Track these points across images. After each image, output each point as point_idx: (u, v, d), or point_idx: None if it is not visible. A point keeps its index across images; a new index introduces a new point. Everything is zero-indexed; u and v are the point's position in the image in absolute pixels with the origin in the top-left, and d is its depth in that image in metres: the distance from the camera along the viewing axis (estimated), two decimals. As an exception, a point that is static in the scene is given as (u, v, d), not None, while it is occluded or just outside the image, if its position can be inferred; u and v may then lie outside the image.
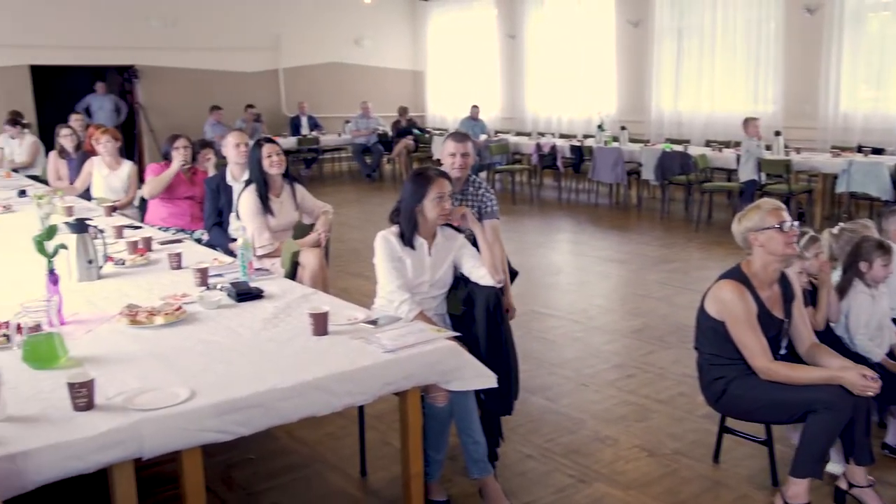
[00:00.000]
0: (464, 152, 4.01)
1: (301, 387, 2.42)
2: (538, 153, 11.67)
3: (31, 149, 9.86)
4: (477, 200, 4.13)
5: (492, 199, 4.17)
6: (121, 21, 13.32)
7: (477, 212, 4.15)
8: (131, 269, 4.02)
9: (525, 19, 14.50)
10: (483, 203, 4.14)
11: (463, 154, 4.00)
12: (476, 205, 4.14)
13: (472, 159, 4.07)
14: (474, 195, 4.11)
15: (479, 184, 4.17)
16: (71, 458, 2.05)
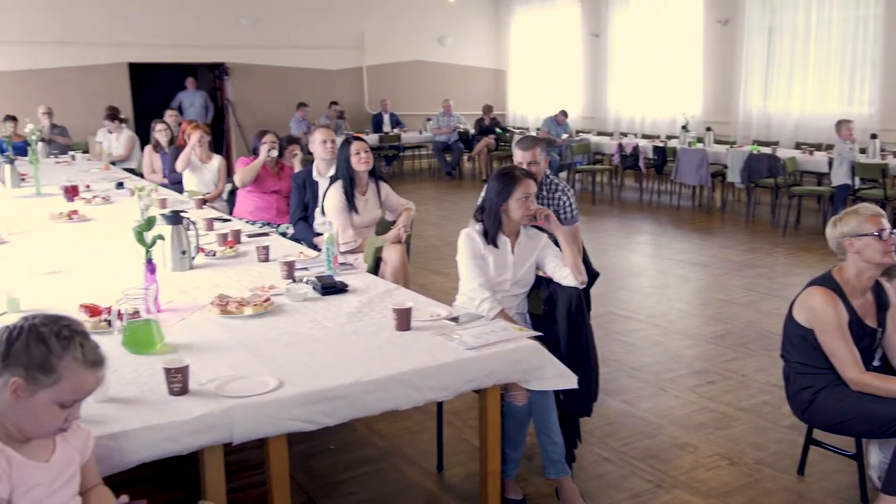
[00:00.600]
0: (531, 160, 4.01)
1: (385, 380, 2.47)
2: (620, 153, 11.52)
3: (128, 143, 10.29)
4: (553, 204, 4.11)
5: (570, 204, 4.15)
6: (213, 20, 13.76)
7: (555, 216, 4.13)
8: (221, 260, 4.16)
9: (609, 17, 14.31)
10: (561, 208, 4.13)
11: (530, 163, 4.01)
12: (552, 209, 4.12)
13: (541, 166, 4.06)
14: (548, 198, 4.10)
15: (555, 186, 4.15)
16: (166, 439, 2.14)
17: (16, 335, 1.67)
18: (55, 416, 1.69)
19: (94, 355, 1.73)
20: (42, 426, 1.70)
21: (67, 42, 12.63)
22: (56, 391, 1.67)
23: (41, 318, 1.71)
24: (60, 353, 1.67)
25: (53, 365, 1.67)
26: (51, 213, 5.56)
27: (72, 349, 1.69)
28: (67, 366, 1.68)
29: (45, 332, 1.68)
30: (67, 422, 1.73)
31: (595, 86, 14.82)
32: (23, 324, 1.70)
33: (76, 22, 12.64)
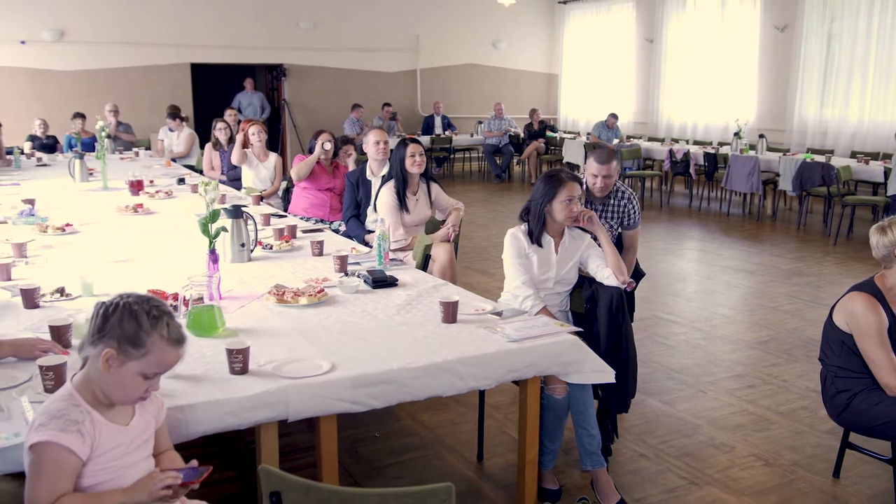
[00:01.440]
0: (606, 174, 4.08)
1: (431, 367, 2.62)
2: (670, 159, 11.51)
3: (188, 140, 10.65)
4: (619, 212, 4.22)
5: (636, 211, 4.26)
6: (273, 23, 14.12)
7: (619, 222, 4.24)
8: (277, 253, 4.37)
9: (665, 23, 14.28)
10: (626, 215, 4.24)
11: (605, 176, 4.09)
12: (618, 216, 4.22)
13: (614, 178, 4.14)
14: (616, 206, 4.21)
15: (623, 194, 4.23)
16: (228, 414, 2.33)
17: (112, 310, 1.87)
18: (139, 386, 1.88)
19: (178, 334, 1.92)
20: (126, 394, 1.89)
21: (133, 43, 13.11)
22: (142, 364, 1.86)
23: (134, 297, 1.91)
24: (149, 330, 1.86)
25: (143, 340, 1.85)
26: (117, 206, 5.85)
27: (159, 327, 1.87)
28: (155, 342, 1.86)
29: (137, 310, 1.87)
30: (148, 392, 1.92)
31: (647, 91, 14.80)
32: (118, 301, 1.89)
33: (142, 24, 13.12)
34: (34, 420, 1.84)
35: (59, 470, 1.79)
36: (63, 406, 1.84)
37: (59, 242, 4.62)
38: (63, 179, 7.76)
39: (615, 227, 4.24)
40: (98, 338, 1.86)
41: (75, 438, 1.80)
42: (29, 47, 12.47)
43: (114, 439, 1.88)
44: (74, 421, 1.81)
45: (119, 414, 1.93)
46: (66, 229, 4.90)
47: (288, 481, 1.72)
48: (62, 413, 1.82)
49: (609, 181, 4.11)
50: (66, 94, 12.64)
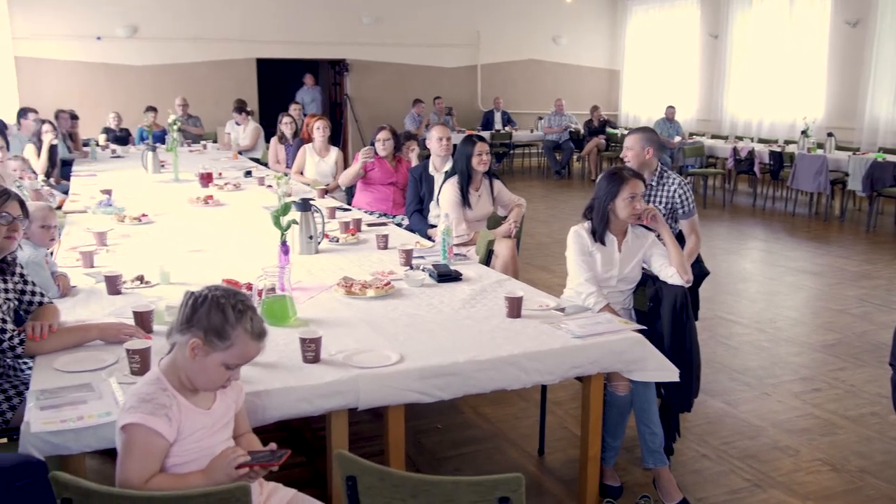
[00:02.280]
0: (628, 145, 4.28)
1: (496, 361, 2.67)
2: (734, 157, 11.31)
3: (253, 134, 10.89)
4: (667, 197, 4.24)
5: (686, 197, 4.26)
6: (337, 18, 14.32)
7: (668, 209, 4.25)
8: (343, 246, 4.46)
9: (730, 19, 14.01)
10: (674, 201, 4.25)
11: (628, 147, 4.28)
12: (666, 201, 4.24)
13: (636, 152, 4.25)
14: (663, 192, 4.23)
15: (671, 179, 4.27)
16: (301, 400, 2.41)
17: (200, 302, 1.97)
18: (221, 375, 1.98)
19: (261, 328, 2.01)
20: (209, 382, 1.99)
21: (202, 39, 13.45)
22: (226, 355, 1.96)
23: (221, 290, 2.00)
24: (235, 323, 1.95)
25: (228, 333, 1.95)
26: (189, 197, 6.04)
27: (244, 321, 1.96)
28: (239, 335, 1.96)
29: (224, 304, 1.96)
30: (229, 381, 2.01)
31: (711, 88, 14.56)
32: (207, 293, 1.99)
33: (211, 20, 13.45)
34: (125, 402, 1.95)
35: (148, 451, 1.89)
36: (152, 390, 1.94)
37: (135, 232, 4.80)
38: (136, 171, 8.03)
39: (665, 214, 4.25)
40: (186, 327, 1.96)
41: (163, 422, 1.90)
42: (104, 43, 12.90)
43: (197, 422, 1.98)
44: (162, 405, 1.91)
45: (202, 398, 2.03)
46: (143, 219, 5.09)
47: (363, 466, 1.79)
48: (151, 397, 1.92)
49: (631, 153, 4.24)
50: (137, 88, 13.04)
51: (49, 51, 12.55)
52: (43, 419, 2.14)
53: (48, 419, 2.14)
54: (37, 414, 2.17)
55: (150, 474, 1.89)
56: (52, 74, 12.60)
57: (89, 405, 2.23)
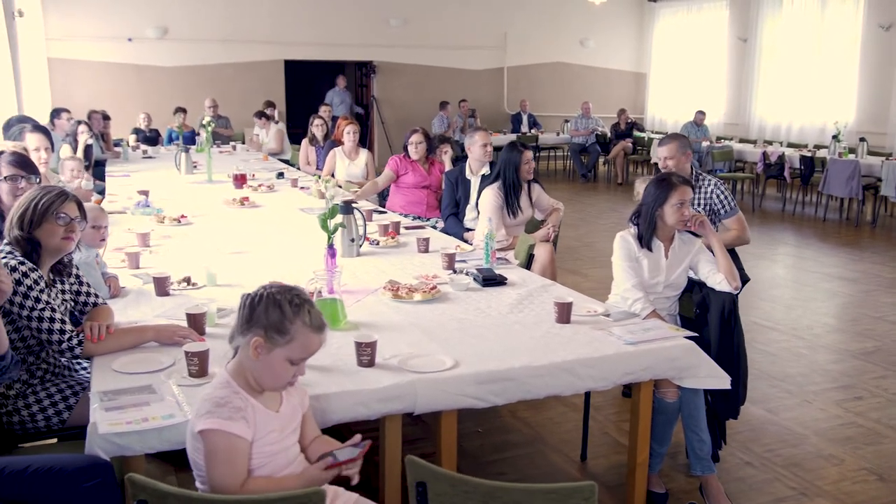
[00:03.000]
0: (667, 155, 4.22)
1: (551, 367, 2.67)
2: (764, 162, 11.23)
3: (277, 136, 10.93)
4: (705, 198, 4.23)
5: (725, 197, 4.25)
6: (364, 20, 14.39)
7: (708, 210, 4.23)
8: (384, 249, 4.48)
9: (760, 22, 13.93)
10: (716, 201, 4.23)
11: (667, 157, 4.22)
12: (704, 203, 4.23)
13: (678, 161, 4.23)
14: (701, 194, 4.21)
15: (707, 181, 4.26)
16: (359, 404, 2.43)
17: (257, 301, 1.99)
18: (286, 371, 2.00)
19: (319, 320, 2.03)
20: (276, 380, 2.01)
21: (230, 40, 13.55)
22: (288, 350, 1.97)
23: (277, 287, 2.02)
24: (293, 317, 1.97)
25: (287, 327, 1.97)
26: (225, 198, 6.08)
27: (302, 314, 1.98)
28: (298, 328, 1.98)
29: (280, 299, 1.98)
30: (295, 377, 2.03)
31: (739, 91, 14.47)
32: (262, 292, 2.01)
33: (239, 22, 13.55)
34: (198, 407, 1.96)
35: (234, 456, 1.91)
36: (225, 394, 1.96)
37: (176, 233, 4.84)
38: (168, 171, 8.09)
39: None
40: (246, 328, 1.98)
41: (241, 425, 1.91)
42: (135, 44, 13.04)
43: (269, 425, 2.00)
44: (238, 408, 1.93)
45: (270, 400, 2.05)
46: (182, 220, 5.14)
47: (435, 472, 1.80)
48: (226, 401, 1.94)
49: (672, 162, 4.21)
50: (167, 88, 13.16)
51: (80, 52, 12.70)
52: (109, 420, 2.16)
53: (114, 420, 2.16)
54: (102, 415, 2.20)
55: (242, 478, 1.91)
56: (83, 75, 12.75)
57: (152, 407, 2.25)
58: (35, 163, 4.08)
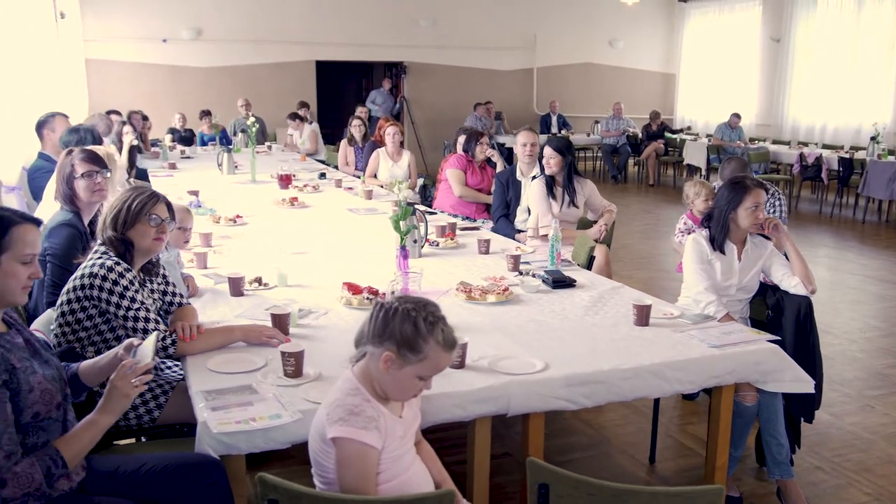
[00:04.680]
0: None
1: (639, 370, 2.67)
2: (800, 164, 11.15)
3: (312, 137, 10.97)
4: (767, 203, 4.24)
5: (781, 208, 4.24)
6: (394, 21, 14.42)
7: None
8: (444, 250, 4.49)
9: (793, 22, 13.83)
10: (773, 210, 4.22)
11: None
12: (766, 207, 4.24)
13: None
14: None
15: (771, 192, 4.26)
16: (455, 406, 2.44)
17: (392, 314, 1.97)
18: (414, 386, 2.00)
19: (452, 339, 2.01)
20: (403, 393, 2.01)
21: (263, 41, 13.63)
22: (419, 367, 1.97)
23: (412, 301, 2.01)
24: (426, 335, 1.96)
25: (420, 346, 1.95)
26: (274, 199, 6.11)
27: (435, 333, 1.97)
28: (431, 347, 1.96)
29: (415, 316, 1.96)
30: (420, 391, 2.03)
31: (771, 92, 14.37)
32: (397, 305, 1.99)
33: (272, 23, 13.62)
34: (330, 412, 1.96)
35: (367, 464, 1.92)
36: (357, 402, 1.96)
37: (233, 233, 4.87)
38: (209, 171, 8.14)
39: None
40: (379, 340, 1.97)
41: (374, 435, 1.92)
42: (170, 45, 13.14)
43: (395, 431, 2.01)
44: (372, 418, 1.94)
45: (393, 406, 2.06)
46: (237, 220, 5.17)
47: (557, 474, 1.80)
48: (360, 409, 1.94)
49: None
50: (200, 89, 13.25)
51: (116, 53, 12.82)
52: (219, 420, 2.18)
53: (223, 420, 2.18)
54: (210, 414, 2.22)
55: (373, 484, 1.92)
56: (119, 76, 12.86)
57: (256, 407, 2.27)
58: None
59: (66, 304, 2.66)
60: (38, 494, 1.92)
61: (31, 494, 1.90)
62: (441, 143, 13.38)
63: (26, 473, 1.88)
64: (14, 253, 1.96)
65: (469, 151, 6.33)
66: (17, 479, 1.87)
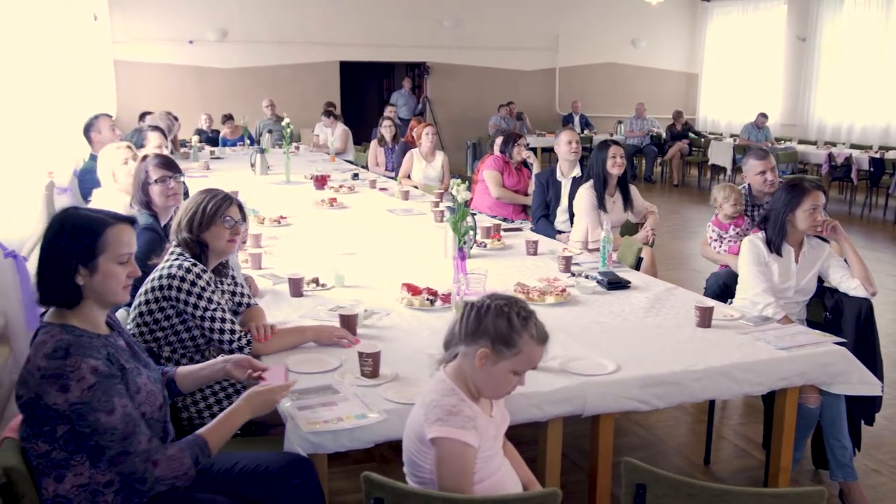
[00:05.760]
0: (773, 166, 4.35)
1: (710, 371, 2.68)
2: (829, 164, 11.10)
3: (343, 136, 10.99)
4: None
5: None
6: (418, 22, 14.45)
7: None
8: (491, 251, 4.51)
9: (820, 21, 13.77)
10: None
11: (772, 168, 4.35)
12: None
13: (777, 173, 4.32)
14: None
15: None
16: (533, 406, 2.46)
17: (484, 312, 1.99)
18: (509, 382, 2.02)
19: (544, 333, 2.04)
20: (497, 390, 2.04)
21: (287, 42, 13.69)
22: (514, 362, 1.99)
23: (502, 298, 2.03)
24: (520, 330, 1.98)
25: (514, 340, 1.97)
26: (313, 200, 6.14)
27: (529, 327, 1.99)
28: (525, 341, 1.98)
29: (507, 311, 1.98)
30: (514, 387, 2.05)
31: (797, 91, 14.31)
32: (488, 302, 2.01)
33: (296, 23, 13.68)
34: (428, 413, 1.98)
35: (465, 463, 1.94)
36: (454, 402, 1.98)
37: (280, 233, 4.91)
38: (242, 172, 8.18)
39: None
40: (473, 338, 1.99)
41: (473, 434, 1.94)
42: (196, 46, 13.23)
43: (488, 430, 2.03)
44: (469, 418, 1.96)
45: (484, 406, 2.08)
46: (281, 221, 5.20)
47: (655, 475, 1.82)
48: (458, 409, 1.96)
49: (776, 174, 4.34)
50: (225, 90, 13.32)
51: (144, 54, 12.91)
52: (307, 419, 2.21)
53: (311, 420, 2.21)
54: (297, 414, 2.25)
55: (471, 484, 1.94)
56: (146, 77, 12.95)
57: (341, 407, 2.30)
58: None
59: (143, 304, 2.70)
60: (185, 479, 2.02)
61: (179, 478, 2.00)
62: (464, 143, 13.40)
63: (177, 458, 2.00)
64: (111, 254, 2.00)
65: (506, 153, 6.34)
66: (169, 462, 1.98)
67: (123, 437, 1.92)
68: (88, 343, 1.95)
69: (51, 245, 1.97)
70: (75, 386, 1.87)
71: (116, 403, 1.92)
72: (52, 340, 1.90)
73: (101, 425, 1.89)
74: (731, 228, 4.44)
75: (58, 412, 1.88)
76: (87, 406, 1.87)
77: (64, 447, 1.92)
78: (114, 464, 1.94)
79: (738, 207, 4.43)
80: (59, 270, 1.96)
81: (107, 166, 4.18)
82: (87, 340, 1.96)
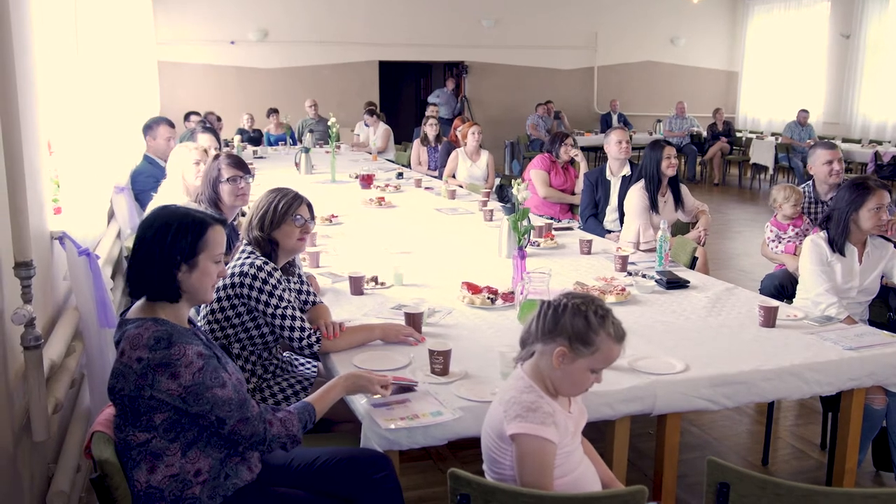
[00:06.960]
0: (840, 156, 4.31)
1: (780, 371, 2.67)
2: (875, 162, 10.93)
3: (385, 135, 11.05)
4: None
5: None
6: (457, 21, 14.47)
7: None
8: (545, 250, 4.52)
9: (864, 18, 13.55)
10: None
11: (840, 159, 4.32)
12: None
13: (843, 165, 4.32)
14: None
15: None
16: (604, 405, 2.47)
17: (561, 310, 2.01)
18: (586, 380, 2.04)
19: (621, 330, 2.04)
20: (575, 387, 2.05)
21: (327, 42, 13.80)
22: (591, 360, 2.00)
23: (579, 297, 2.04)
24: (597, 328, 1.99)
25: (592, 338, 1.98)
26: (362, 199, 6.19)
27: (606, 325, 2.00)
28: (603, 339, 1.99)
29: (585, 310, 2.00)
30: (592, 384, 2.07)
31: (840, 89, 14.09)
32: (566, 301, 2.03)
33: (336, 23, 13.78)
34: (507, 410, 2.00)
35: (545, 459, 1.96)
36: (533, 399, 2.00)
37: (332, 232, 4.96)
38: (286, 171, 8.26)
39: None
40: (550, 337, 2.01)
41: (552, 430, 1.96)
42: (237, 47, 13.39)
43: (567, 426, 2.05)
44: (549, 413, 1.98)
45: (563, 401, 2.10)
46: (333, 220, 5.26)
47: (740, 474, 1.83)
48: (537, 406, 1.98)
49: (842, 165, 4.37)
50: (266, 90, 13.46)
51: (186, 55, 13.09)
52: (384, 416, 2.25)
53: (388, 417, 2.25)
54: (373, 411, 2.29)
55: (552, 479, 1.96)
56: (188, 78, 13.13)
57: (415, 404, 2.33)
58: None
59: (215, 301, 2.75)
60: (294, 440, 2.15)
61: (290, 437, 2.13)
62: (502, 142, 13.39)
63: (288, 419, 2.14)
64: (209, 253, 2.06)
65: (553, 152, 6.34)
66: (283, 423, 2.12)
67: (240, 405, 2.03)
68: (184, 331, 2.02)
69: (155, 241, 2.03)
70: (185, 371, 1.94)
71: (225, 378, 2.02)
72: (148, 332, 1.95)
73: (218, 399, 1.98)
74: (789, 229, 4.40)
75: (162, 400, 1.94)
76: (202, 385, 1.96)
77: (164, 435, 1.98)
78: (235, 431, 2.03)
79: (797, 208, 4.40)
80: (163, 266, 2.01)
81: (177, 166, 4.25)
82: (182, 329, 2.03)
